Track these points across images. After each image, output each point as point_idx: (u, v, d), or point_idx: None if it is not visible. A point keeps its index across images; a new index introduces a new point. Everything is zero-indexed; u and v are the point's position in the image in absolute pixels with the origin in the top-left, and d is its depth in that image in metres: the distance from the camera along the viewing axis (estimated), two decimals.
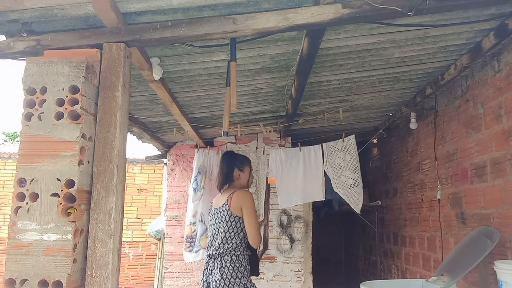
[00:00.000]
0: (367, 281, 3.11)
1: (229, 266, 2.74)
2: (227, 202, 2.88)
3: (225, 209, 2.87)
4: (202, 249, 4.33)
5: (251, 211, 2.86)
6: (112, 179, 1.85)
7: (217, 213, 2.93)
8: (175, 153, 4.97)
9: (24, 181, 1.82)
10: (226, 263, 2.75)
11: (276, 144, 4.76)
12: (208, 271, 2.85)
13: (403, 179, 4.51)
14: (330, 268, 7.17)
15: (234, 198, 2.88)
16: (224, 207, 2.88)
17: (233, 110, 2.32)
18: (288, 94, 3.40)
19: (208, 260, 2.89)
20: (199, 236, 4.34)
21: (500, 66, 2.68)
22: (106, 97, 1.92)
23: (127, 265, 7.60)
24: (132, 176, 7.82)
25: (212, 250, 2.85)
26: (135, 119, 3.78)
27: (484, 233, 2.66)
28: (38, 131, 1.84)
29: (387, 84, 3.40)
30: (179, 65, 2.68)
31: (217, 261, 2.79)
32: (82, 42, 1.98)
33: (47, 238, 1.76)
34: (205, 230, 4.36)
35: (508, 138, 2.57)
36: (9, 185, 7.69)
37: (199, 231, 4.35)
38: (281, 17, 1.98)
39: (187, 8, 2.00)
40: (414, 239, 4.14)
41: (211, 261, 2.85)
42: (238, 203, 2.85)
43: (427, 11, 1.95)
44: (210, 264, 2.85)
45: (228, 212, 2.85)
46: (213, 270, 2.79)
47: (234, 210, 2.85)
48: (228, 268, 2.73)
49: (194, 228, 4.35)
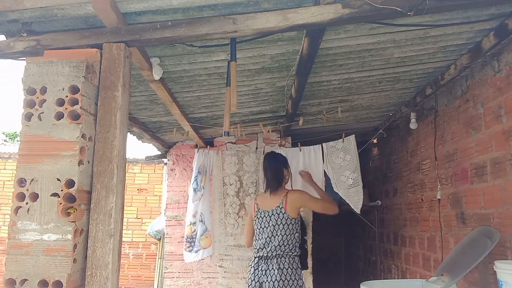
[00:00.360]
0: (367, 281, 3.11)
1: (287, 267, 2.88)
2: (282, 205, 2.97)
3: (280, 212, 2.95)
4: (202, 249, 4.32)
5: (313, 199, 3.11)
6: (112, 179, 1.85)
7: (270, 216, 2.99)
8: (175, 153, 4.97)
9: (24, 181, 1.82)
10: (284, 264, 2.88)
11: (276, 144, 4.76)
12: (260, 271, 2.91)
13: (403, 179, 4.51)
14: (330, 268, 7.17)
15: (289, 200, 2.98)
16: (279, 209, 2.96)
17: (233, 110, 2.32)
18: (288, 94, 3.40)
19: (259, 261, 2.95)
20: (199, 236, 4.34)
21: (500, 66, 2.68)
22: (106, 97, 1.92)
23: (127, 265, 7.60)
24: (132, 176, 7.82)
25: (267, 252, 2.93)
26: (135, 119, 3.78)
27: (484, 233, 2.66)
28: (38, 131, 1.84)
29: (387, 84, 3.40)
30: (179, 65, 2.68)
31: (273, 262, 2.89)
32: (82, 42, 1.98)
33: (47, 238, 1.76)
34: (205, 230, 4.36)
35: (508, 138, 2.57)
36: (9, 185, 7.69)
37: (199, 231, 4.35)
38: (281, 17, 1.98)
39: (187, 8, 2.00)
40: (414, 239, 4.14)
41: (263, 262, 2.92)
42: (296, 204, 2.99)
43: (427, 11, 1.95)
44: (263, 265, 2.91)
45: (284, 215, 2.95)
46: (268, 271, 2.88)
47: (290, 212, 2.96)
48: (287, 270, 2.87)
49: (194, 228, 4.35)
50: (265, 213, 3.02)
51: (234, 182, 4.63)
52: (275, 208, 3.00)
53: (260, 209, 3.05)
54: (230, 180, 4.64)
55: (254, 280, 2.91)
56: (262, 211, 3.03)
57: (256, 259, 2.99)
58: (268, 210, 3.02)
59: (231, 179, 4.63)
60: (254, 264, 2.98)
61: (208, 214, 4.45)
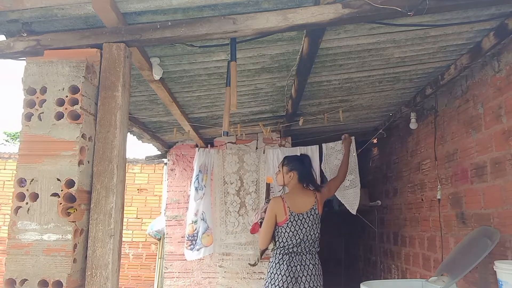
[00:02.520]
0: (367, 281, 3.11)
1: (317, 263, 3.10)
2: (315, 206, 3.12)
3: (315, 213, 3.11)
4: (204, 247, 4.33)
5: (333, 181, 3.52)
6: (112, 179, 1.85)
7: (305, 218, 3.06)
8: (175, 153, 4.97)
9: (24, 181, 1.82)
10: (315, 260, 3.08)
11: (276, 144, 4.76)
12: (294, 267, 3.00)
13: (403, 179, 4.51)
14: (330, 268, 7.15)
15: (319, 199, 3.17)
16: (314, 211, 3.10)
17: (233, 110, 2.32)
18: (288, 94, 3.40)
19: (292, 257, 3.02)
20: (201, 234, 4.35)
21: (500, 66, 2.68)
22: (106, 97, 1.92)
23: (127, 265, 7.60)
24: (132, 176, 7.82)
25: (302, 249, 3.04)
26: (135, 119, 3.78)
27: (484, 233, 2.66)
28: (38, 131, 1.84)
29: (387, 84, 3.40)
30: (179, 65, 2.68)
31: (307, 258, 3.04)
32: (82, 42, 1.98)
33: (47, 238, 1.76)
34: (207, 228, 4.37)
35: (508, 138, 2.57)
36: (9, 185, 7.69)
37: (201, 229, 4.36)
38: (281, 17, 1.98)
39: (187, 8, 2.00)
40: (414, 239, 4.14)
41: (297, 258, 3.02)
42: (323, 201, 3.23)
43: (427, 11, 1.95)
44: (296, 261, 3.01)
45: (318, 216, 3.13)
46: (303, 266, 3.01)
47: (320, 211, 3.17)
48: (318, 265, 3.09)
49: (195, 226, 4.35)
50: (299, 216, 3.04)
51: (234, 181, 4.63)
52: (309, 210, 3.08)
53: (293, 212, 3.04)
54: (231, 179, 4.64)
55: (290, 276, 2.96)
56: (295, 214, 3.03)
57: (287, 256, 3.02)
58: (303, 213, 3.05)
59: (232, 178, 4.63)
60: (285, 261, 3.00)
61: (210, 213, 4.46)
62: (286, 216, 3.03)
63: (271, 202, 3.13)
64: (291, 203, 3.06)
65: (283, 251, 3.04)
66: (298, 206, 3.07)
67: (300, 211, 3.06)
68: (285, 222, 3.03)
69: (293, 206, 3.05)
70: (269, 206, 3.09)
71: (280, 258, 3.03)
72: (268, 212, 3.08)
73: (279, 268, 3.00)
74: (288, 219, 3.03)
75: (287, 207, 3.05)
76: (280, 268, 3.00)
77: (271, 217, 3.05)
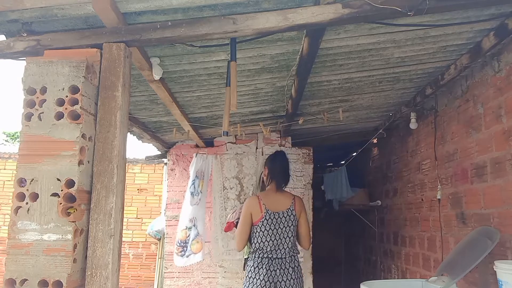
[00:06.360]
0: (367, 281, 3.10)
1: (298, 266, 3.03)
2: (292, 207, 3.04)
3: (291, 214, 3.03)
4: (193, 254, 4.24)
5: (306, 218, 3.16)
6: (112, 179, 1.85)
7: (281, 217, 3.00)
8: (175, 153, 4.97)
9: (24, 181, 1.82)
10: (295, 263, 3.01)
11: (276, 144, 4.76)
12: (273, 271, 2.93)
13: (403, 179, 4.51)
14: (330, 268, 7.16)
15: (297, 203, 3.08)
16: (290, 212, 3.02)
17: (233, 110, 2.32)
18: (288, 94, 3.40)
19: (270, 262, 2.95)
20: (191, 240, 4.27)
21: (500, 66, 2.68)
22: (106, 97, 1.92)
23: (127, 265, 7.61)
24: (132, 176, 7.83)
25: (280, 254, 2.97)
26: (135, 119, 3.78)
27: (484, 233, 2.66)
28: (38, 131, 1.84)
29: (387, 84, 3.40)
30: (179, 65, 2.68)
31: (287, 262, 2.97)
32: (82, 42, 1.98)
33: (47, 238, 1.76)
34: (197, 235, 4.28)
35: (508, 138, 2.57)
36: (9, 185, 7.70)
37: (192, 236, 4.28)
38: (281, 17, 1.98)
39: (187, 8, 2.00)
40: (414, 239, 4.14)
41: (276, 263, 2.95)
42: (300, 209, 3.09)
43: (427, 11, 1.95)
44: (275, 266, 2.94)
45: (294, 217, 3.04)
46: (283, 271, 2.94)
47: (297, 215, 3.06)
48: (298, 268, 3.03)
49: (188, 233, 4.27)
50: (275, 214, 2.98)
51: (234, 185, 4.64)
52: (285, 210, 3.01)
53: (268, 210, 2.99)
54: (230, 183, 4.65)
55: (269, 280, 2.90)
56: (271, 213, 2.98)
57: (266, 260, 2.94)
58: (279, 212, 2.99)
59: (231, 183, 4.64)
60: (265, 265, 2.92)
61: (202, 219, 4.41)
62: (261, 213, 2.98)
63: (246, 201, 3.11)
64: (266, 201, 3.02)
65: (261, 254, 2.98)
66: (273, 204, 3.03)
67: (276, 210, 3.00)
68: (260, 220, 2.98)
69: (268, 204, 3.01)
70: (244, 206, 3.06)
71: (259, 262, 2.96)
72: (243, 212, 3.03)
73: (257, 272, 2.93)
74: (264, 217, 2.98)
75: (263, 204, 3.01)
76: (258, 272, 2.93)
77: (246, 215, 3.01)
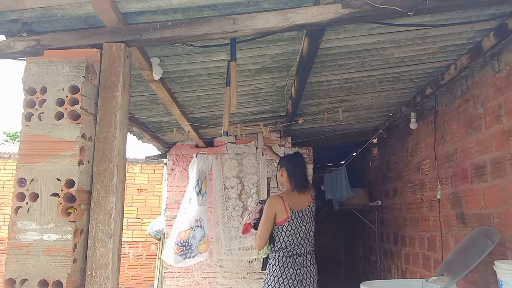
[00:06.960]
0: (367, 281, 3.10)
1: (315, 263, 3.12)
2: (312, 204, 3.15)
3: (311, 210, 3.14)
4: (199, 253, 4.23)
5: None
6: (112, 179, 1.85)
7: (304, 215, 3.08)
8: (175, 153, 4.97)
9: (24, 181, 1.82)
10: (314, 260, 3.11)
11: (276, 144, 4.76)
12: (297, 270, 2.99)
13: (403, 179, 4.51)
14: (330, 268, 7.17)
15: (313, 196, 3.21)
16: (311, 208, 3.13)
17: (233, 110, 2.32)
18: (288, 94, 3.40)
19: (295, 259, 3.01)
20: (198, 241, 4.24)
21: (500, 66, 2.68)
22: (106, 97, 1.92)
23: (127, 265, 7.61)
24: (132, 176, 7.82)
25: (303, 249, 3.05)
26: (135, 119, 3.78)
27: (484, 233, 2.66)
28: (38, 131, 1.84)
29: (387, 84, 3.40)
30: (179, 65, 2.68)
31: (308, 260, 3.06)
32: (82, 42, 1.98)
33: (47, 238, 1.76)
34: (204, 235, 4.28)
35: (508, 138, 2.57)
36: (9, 185, 7.70)
37: (198, 236, 4.25)
38: (281, 17, 1.98)
39: (187, 8, 2.00)
40: (414, 239, 4.14)
41: (299, 261, 3.02)
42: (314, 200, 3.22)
43: (427, 11, 1.95)
44: (299, 263, 3.01)
45: (313, 213, 3.16)
46: (307, 267, 3.04)
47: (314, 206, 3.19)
48: (315, 265, 3.11)
49: (192, 233, 4.26)
50: (298, 213, 3.04)
51: (235, 184, 4.63)
52: (307, 207, 3.10)
53: (293, 209, 3.03)
54: (231, 183, 4.64)
55: (296, 279, 2.95)
56: (295, 212, 3.03)
57: (289, 258, 2.98)
58: (302, 210, 3.07)
59: (232, 182, 4.64)
60: (290, 264, 2.96)
61: (207, 219, 4.42)
62: (287, 214, 3.01)
63: (269, 201, 3.09)
64: (290, 201, 3.04)
65: (285, 253, 3.00)
66: (297, 203, 3.07)
67: (300, 208, 3.06)
68: (286, 221, 3.00)
69: (293, 204, 3.04)
70: (268, 206, 3.04)
71: (284, 261, 2.98)
72: (266, 212, 3.02)
73: (284, 272, 2.95)
74: (290, 217, 3.00)
75: (288, 205, 3.03)
76: (285, 272, 2.96)
77: (270, 216, 3.01)
